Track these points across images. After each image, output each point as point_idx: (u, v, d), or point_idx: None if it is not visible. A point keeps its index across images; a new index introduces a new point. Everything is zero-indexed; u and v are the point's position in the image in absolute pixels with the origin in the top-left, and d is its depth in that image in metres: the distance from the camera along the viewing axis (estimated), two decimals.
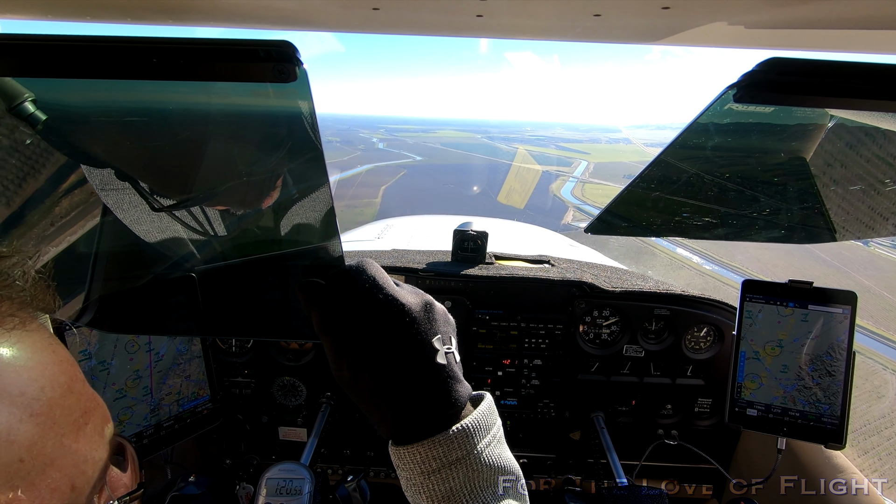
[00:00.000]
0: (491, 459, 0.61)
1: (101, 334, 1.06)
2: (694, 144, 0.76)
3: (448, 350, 0.63)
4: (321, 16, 0.75)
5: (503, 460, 0.63)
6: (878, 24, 0.58)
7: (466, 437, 0.59)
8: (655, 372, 1.60)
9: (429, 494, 0.59)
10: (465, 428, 0.60)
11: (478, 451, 0.60)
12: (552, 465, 1.70)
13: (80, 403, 0.39)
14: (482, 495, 0.59)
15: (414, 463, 0.59)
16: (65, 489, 0.37)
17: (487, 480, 0.60)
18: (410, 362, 0.61)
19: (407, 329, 0.61)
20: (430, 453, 0.59)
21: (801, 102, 0.57)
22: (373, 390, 0.61)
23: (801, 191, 0.90)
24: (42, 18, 0.71)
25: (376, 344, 0.61)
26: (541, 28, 0.76)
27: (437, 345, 0.62)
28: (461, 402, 0.62)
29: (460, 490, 0.59)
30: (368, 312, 0.61)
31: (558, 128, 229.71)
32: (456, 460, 0.59)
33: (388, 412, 0.61)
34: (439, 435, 0.59)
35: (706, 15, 0.63)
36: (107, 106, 0.63)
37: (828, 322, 1.25)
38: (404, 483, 0.62)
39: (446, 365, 0.62)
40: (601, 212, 0.96)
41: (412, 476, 0.60)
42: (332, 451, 1.71)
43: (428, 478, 0.59)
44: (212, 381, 1.26)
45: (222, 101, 0.66)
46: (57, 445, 0.36)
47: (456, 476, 0.59)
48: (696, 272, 30.49)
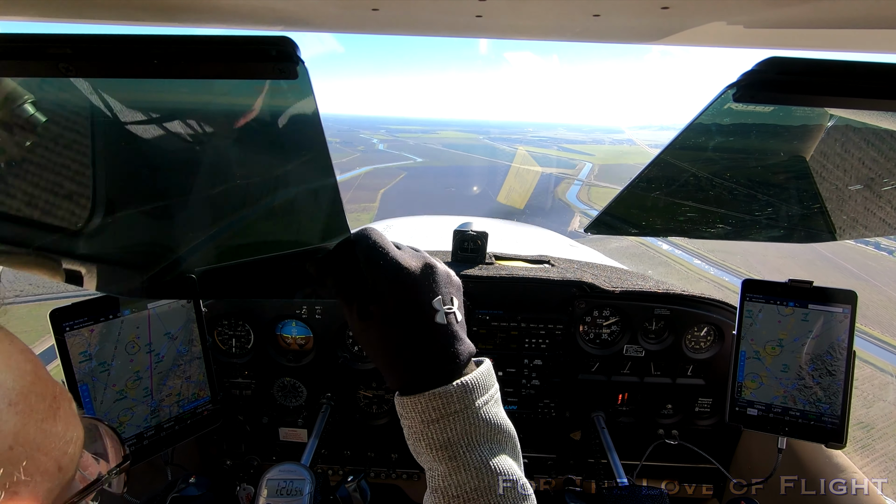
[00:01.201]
0: (488, 416, 0.65)
1: (101, 336, 1.06)
2: (693, 144, 0.76)
3: (449, 310, 0.68)
4: (321, 16, 0.75)
5: (500, 419, 0.67)
6: (878, 23, 0.58)
7: (465, 393, 0.64)
8: (656, 372, 1.60)
9: (428, 442, 0.64)
10: (464, 384, 0.65)
11: (476, 406, 0.65)
12: (553, 465, 1.70)
13: (49, 388, 0.41)
14: (479, 449, 0.64)
15: (416, 412, 0.65)
16: (53, 471, 0.39)
17: (485, 436, 0.65)
18: (410, 321, 0.66)
19: (406, 291, 0.66)
20: (430, 404, 0.64)
21: (801, 102, 0.57)
22: (380, 345, 0.67)
23: (800, 190, 0.90)
24: (42, 19, 0.71)
25: (380, 304, 0.66)
26: (540, 28, 0.76)
27: (436, 305, 0.67)
28: (461, 359, 0.67)
29: (458, 441, 0.63)
30: (371, 276, 0.67)
31: (560, 128, 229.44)
32: (454, 412, 0.64)
33: (393, 365, 0.67)
34: (440, 388, 0.64)
35: (705, 15, 0.63)
36: (112, 104, 0.64)
37: (828, 321, 1.25)
38: (406, 432, 0.67)
39: (446, 324, 0.67)
40: (601, 212, 0.96)
41: (414, 424, 0.65)
42: (332, 452, 1.71)
43: (428, 427, 0.64)
44: (212, 382, 1.26)
45: (224, 99, 0.66)
46: (39, 431, 0.38)
47: (454, 427, 0.63)
48: (714, 284, 30.14)
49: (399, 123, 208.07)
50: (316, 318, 1.54)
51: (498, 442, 0.66)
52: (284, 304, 1.53)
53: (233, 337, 1.60)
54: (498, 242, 1.85)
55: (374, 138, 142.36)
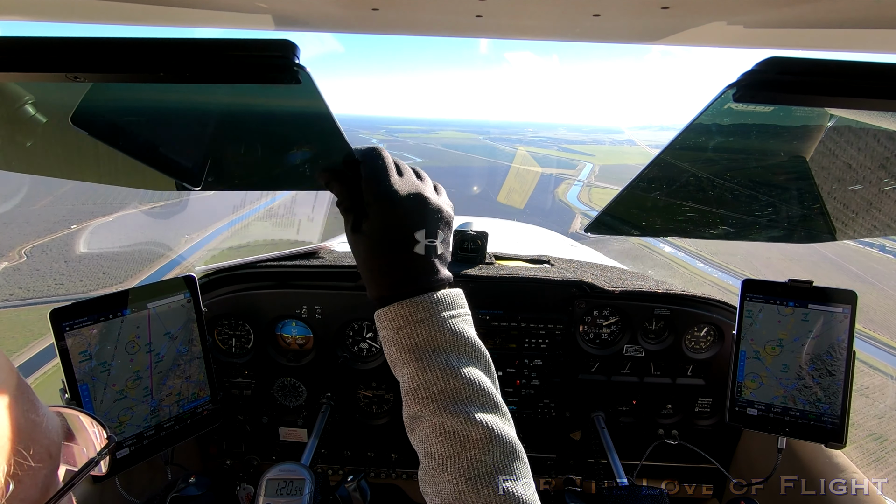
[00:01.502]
0: (454, 329, 0.72)
1: (101, 335, 1.06)
2: (693, 144, 0.76)
3: (430, 243, 0.75)
4: (321, 16, 0.75)
5: (468, 335, 0.73)
6: (878, 23, 0.58)
7: (430, 304, 0.72)
8: (656, 372, 1.60)
9: (398, 346, 0.71)
10: (430, 297, 0.72)
11: (441, 317, 0.71)
12: (552, 465, 1.70)
13: (22, 382, 0.43)
14: (445, 356, 0.70)
15: (387, 320, 0.72)
16: (45, 458, 0.41)
17: (451, 346, 0.71)
18: (392, 247, 0.73)
19: (392, 218, 0.73)
20: (399, 311, 0.71)
21: (801, 102, 0.57)
22: (365, 259, 0.74)
23: (800, 190, 0.90)
24: (43, 20, 0.71)
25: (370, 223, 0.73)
26: (540, 28, 0.76)
27: (418, 237, 0.73)
28: (434, 284, 0.74)
29: (425, 346, 0.70)
30: (367, 195, 0.73)
31: (560, 129, 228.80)
32: (420, 320, 0.71)
33: (374, 280, 0.75)
34: (408, 299, 0.72)
35: (705, 15, 0.63)
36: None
37: (828, 321, 1.25)
38: (382, 340, 0.75)
39: (423, 255, 0.74)
40: (601, 212, 0.96)
41: (386, 332, 0.73)
42: (332, 452, 1.71)
43: (398, 332, 0.71)
44: (212, 381, 1.26)
45: (228, 100, 0.71)
46: (27, 422, 0.40)
47: (420, 333, 0.70)
48: (718, 288, 29.93)
49: (398, 123, 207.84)
50: (316, 318, 1.54)
51: (467, 354, 0.72)
52: (284, 304, 1.53)
53: (233, 337, 1.60)
54: (498, 242, 1.85)
55: (374, 138, 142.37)
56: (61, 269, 26.24)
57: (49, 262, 27.03)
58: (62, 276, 25.71)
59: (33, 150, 0.85)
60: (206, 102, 0.78)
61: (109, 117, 0.79)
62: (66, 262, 27.04)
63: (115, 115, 0.80)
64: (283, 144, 0.90)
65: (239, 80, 0.55)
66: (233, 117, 0.84)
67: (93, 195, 35.02)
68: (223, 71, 0.53)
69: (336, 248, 1.84)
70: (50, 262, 27.05)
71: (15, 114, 0.70)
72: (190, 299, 1.22)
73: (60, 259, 27.27)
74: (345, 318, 1.55)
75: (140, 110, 0.79)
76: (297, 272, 1.57)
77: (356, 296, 1.52)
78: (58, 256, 27.58)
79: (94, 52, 0.51)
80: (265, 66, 0.52)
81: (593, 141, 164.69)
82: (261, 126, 0.86)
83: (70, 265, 26.74)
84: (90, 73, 0.52)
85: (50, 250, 28.26)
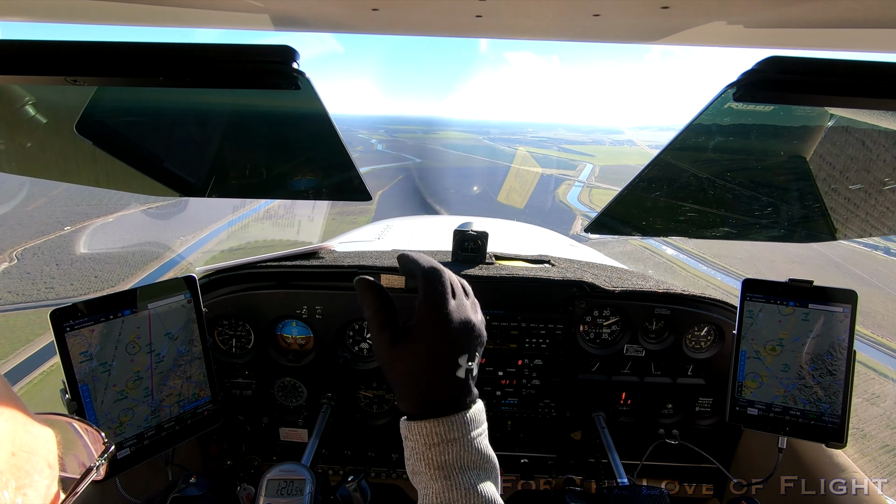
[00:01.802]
0: (480, 447, 0.76)
1: (101, 336, 1.06)
2: (693, 144, 0.76)
3: (469, 367, 0.77)
4: (320, 17, 0.75)
5: (489, 452, 0.77)
6: (878, 23, 0.58)
7: (464, 424, 0.74)
8: (656, 371, 1.60)
9: (427, 463, 0.73)
10: (463, 417, 0.75)
11: (471, 436, 0.75)
12: (553, 465, 1.70)
13: (15, 394, 0.43)
14: (469, 473, 0.73)
15: (420, 435, 0.74)
16: (45, 469, 0.41)
17: (475, 463, 0.74)
18: (435, 369, 0.75)
19: (443, 346, 0.75)
20: (434, 429, 0.73)
21: (801, 101, 0.57)
22: (401, 374, 0.77)
23: (800, 190, 0.90)
24: (42, 20, 0.71)
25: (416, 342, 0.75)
26: (540, 28, 0.76)
27: (461, 362, 0.76)
28: (468, 404, 0.77)
29: (453, 463, 0.73)
30: (422, 319, 0.75)
31: (560, 129, 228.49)
32: (453, 439, 0.73)
33: (409, 395, 0.76)
34: (444, 417, 0.74)
35: (705, 14, 0.63)
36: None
37: (828, 321, 1.25)
38: (408, 452, 0.76)
39: (463, 378, 0.77)
40: (600, 212, 0.96)
41: (417, 446, 0.74)
42: (332, 452, 1.71)
43: (430, 449, 0.73)
44: (212, 382, 1.26)
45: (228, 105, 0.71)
46: (27, 434, 0.41)
47: (451, 451, 0.73)
48: (721, 291, 29.71)
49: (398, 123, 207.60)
50: (316, 319, 1.54)
51: (485, 470, 0.76)
52: (285, 304, 1.53)
53: (233, 337, 1.60)
54: (498, 242, 1.85)
55: (373, 138, 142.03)
56: (52, 273, 26.01)
57: (40, 265, 26.81)
58: (53, 279, 25.45)
59: (32, 153, 0.85)
60: (206, 107, 0.78)
61: (111, 125, 0.80)
62: (58, 265, 26.83)
63: (117, 121, 0.80)
64: (282, 149, 0.90)
65: (239, 86, 0.55)
66: (232, 122, 0.84)
67: (87, 196, 34.81)
68: (223, 76, 0.53)
69: (336, 248, 1.84)
70: (41, 265, 26.83)
71: (15, 115, 0.70)
72: (190, 300, 1.22)
73: (52, 262, 27.05)
74: (345, 319, 1.55)
75: (141, 114, 0.79)
76: (297, 272, 1.57)
77: (356, 296, 1.52)
78: (49, 259, 27.36)
79: (95, 56, 0.51)
80: (265, 72, 0.52)
81: (593, 141, 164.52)
82: (260, 130, 0.86)
83: (62, 268, 26.53)
84: (90, 76, 0.52)
85: (42, 253, 28.03)
